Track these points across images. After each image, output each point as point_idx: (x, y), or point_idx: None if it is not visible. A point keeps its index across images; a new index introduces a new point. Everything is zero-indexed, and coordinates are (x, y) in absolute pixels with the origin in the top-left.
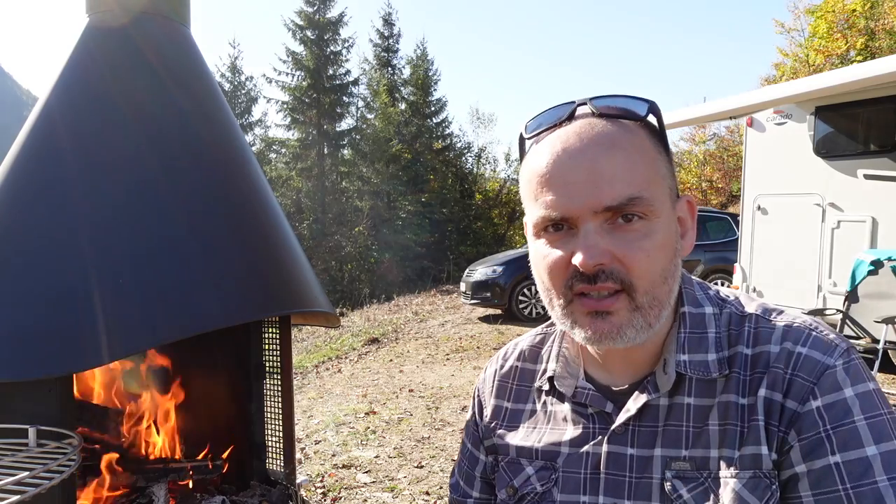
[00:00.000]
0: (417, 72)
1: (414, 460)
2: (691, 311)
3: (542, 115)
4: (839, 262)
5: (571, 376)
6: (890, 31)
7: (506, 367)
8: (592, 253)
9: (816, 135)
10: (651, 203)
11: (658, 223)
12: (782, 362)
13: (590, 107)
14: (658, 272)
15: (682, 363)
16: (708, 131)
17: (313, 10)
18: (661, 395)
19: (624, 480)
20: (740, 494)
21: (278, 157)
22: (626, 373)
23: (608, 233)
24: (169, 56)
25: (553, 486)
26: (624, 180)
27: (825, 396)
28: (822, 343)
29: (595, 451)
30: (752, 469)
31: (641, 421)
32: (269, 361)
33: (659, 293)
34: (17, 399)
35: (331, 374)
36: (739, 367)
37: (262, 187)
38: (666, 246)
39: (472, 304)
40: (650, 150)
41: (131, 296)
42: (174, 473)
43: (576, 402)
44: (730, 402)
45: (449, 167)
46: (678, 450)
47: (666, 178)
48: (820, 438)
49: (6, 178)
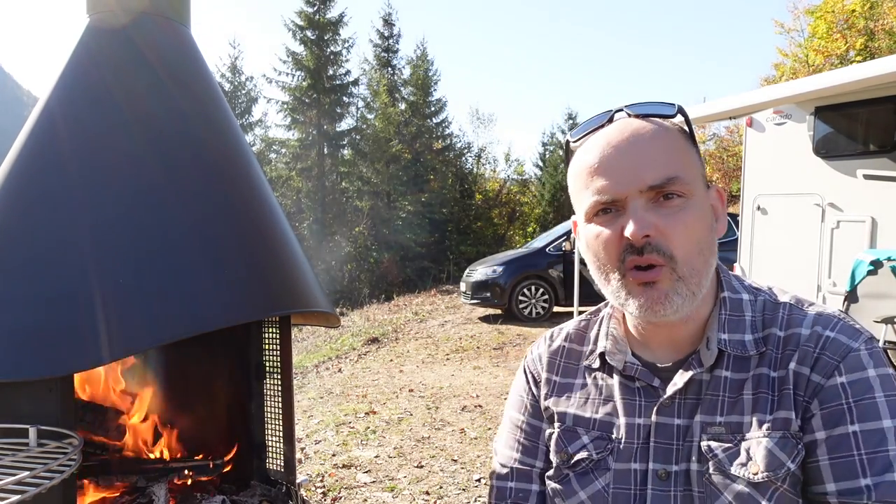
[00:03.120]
0: (417, 72)
1: (414, 460)
2: (730, 296)
3: (584, 123)
4: (838, 262)
5: (620, 352)
6: (889, 31)
7: (553, 345)
8: (641, 224)
9: (816, 135)
10: (687, 182)
11: (694, 201)
12: (812, 342)
13: (626, 111)
14: (695, 243)
15: (723, 341)
16: (708, 131)
17: (313, 11)
18: (704, 370)
19: (672, 448)
20: (772, 451)
21: (278, 158)
22: (669, 352)
23: (652, 209)
24: (169, 56)
25: (608, 454)
26: (663, 163)
27: (849, 374)
28: (849, 329)
29: (645, 422)
30: (782, 430)
31: (686, 394)
32: (270, 361)
33: (696, 263)
34: (18, 399)
35: (331, 374)
36: (773, 346)
37: (263, 187)
38: (702, 220)
39: (472, 304)
40: (682, 143)
41: (132, 296)
42: (174, 473)
43: (625, 376)
44: (762, 375)
45: (449, 167)
46: (714, 416)
47: (698, 167)
48: (841, 409)
49: (7, 178)
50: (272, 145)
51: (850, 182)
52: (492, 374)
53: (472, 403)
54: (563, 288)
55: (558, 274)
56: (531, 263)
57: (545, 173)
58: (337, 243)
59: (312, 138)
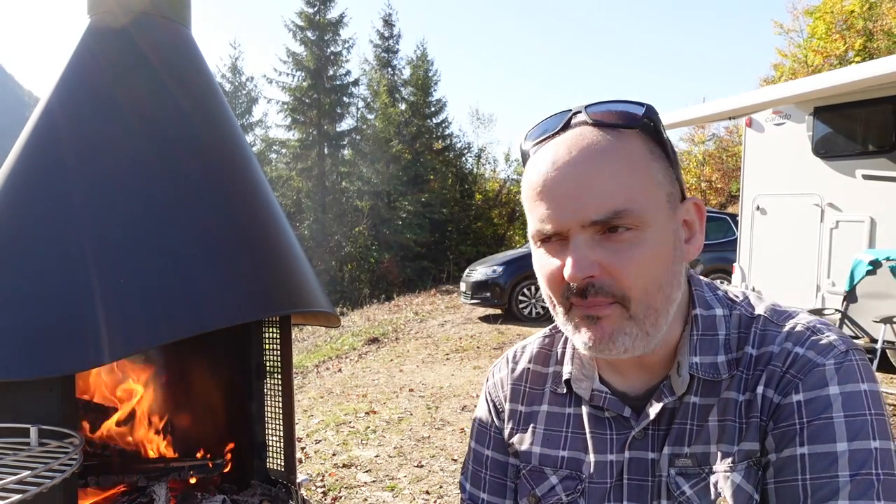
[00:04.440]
0: (417, 72)
1: (414, 460)
2: (702, 313)
3: (540, 124)
4: (838, 262)
5: (587, 378)
6: (888, 32)
7: (517, 370)
8: (580, 265)
9: (815, 135)
10: (640, 214)
11: (649, 233)
12: (780, 360)
13: (585, 115)
14: (650, 281)
15: (695, 365)
16: (707, 132)
17: (314, 11)
18: (675, 398)
19: (647, 485)
20: (741, 486)
21: (279, 158)
22: (640, 378)
23: (598, 244)
24: (170, 56)
25: (580, 496)
26: (610, 193)
27: (807, 392)
28: (819, 344)
29: (618, 458)
30: (746, 461)
31: (659, 425)
32: (270, 361)
33: (653, 302)
34: (19, 398)
35: (331, 374)
36: (744, 367)
37: (263, 187)
38: (659, 254)
39: (472, 304)
40: (643, 159)
41: (132, 296)
42: (175, 472)
43: (593, 406)
44: (729, 400)
45: (449, 167)
46: (682, 447)
47: (662, 184)
48: (793, 429)
49: (8, 177)
50: (272, 145)
51: (849, 182)
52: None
53: (472, 403)
54: None
55: None
56: (531, 263)
57: None
58: (337, 243)
59: (312, 138)
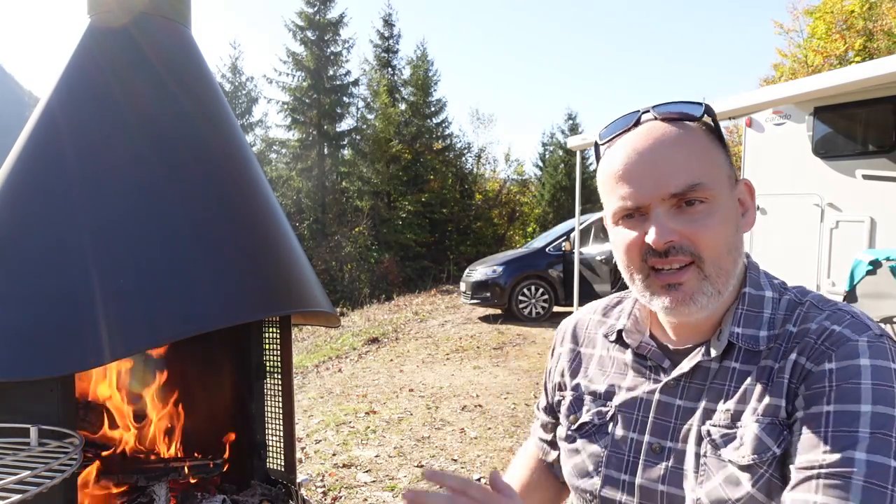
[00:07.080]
0: (417, 72)
1: (414, 460)
2: (751, 292)
3: (612, 123)
4: (838, 262)
5: (639, 332)
6: (888, 31)
7: (584, 317)
8: (663, 232)
9: (815, 135)
10: (710, 188)
11: (718, 203)
12: (816, 335)
13: (652, 113)
14: (722, 244)
15: (735, 334)
16: None
17: (314, 11)
18: (712, 358)
19: (669, 425)
20: (759, 436)
21: (279, 158)
22: (686, 338)
23: (675, 216)
24: (170, 56)
25: (609, 421)
26: (685, 170)
27: (840, 361)
28: (856, 324)
29: (648, 397)
30: (770, 416)
31: (692, 378)
32: (270, 361)
33: (725, 263)
34: (19, 398)
35: (331, 374)
36: (782, 341)
37: (263, 187)
38: (727, 221)
39: (472, 303)
40: (707, 145)
41: (132, 295)
42: (174, 472)
43: (637, 354)
44: (766, 366)
45: (449, 167)
46: (718, 403)
47: (723, 167)
48: (822, 391)
49: (8, 177)
50: (272, 145)
51: (849, 182)
52: (492, 373)
53: (472, 403)
54: (562, 288)
55: (558, 274)
56: (531, 263)
57: (545, 173)
58: (337, 243)
59: (312, 138)
